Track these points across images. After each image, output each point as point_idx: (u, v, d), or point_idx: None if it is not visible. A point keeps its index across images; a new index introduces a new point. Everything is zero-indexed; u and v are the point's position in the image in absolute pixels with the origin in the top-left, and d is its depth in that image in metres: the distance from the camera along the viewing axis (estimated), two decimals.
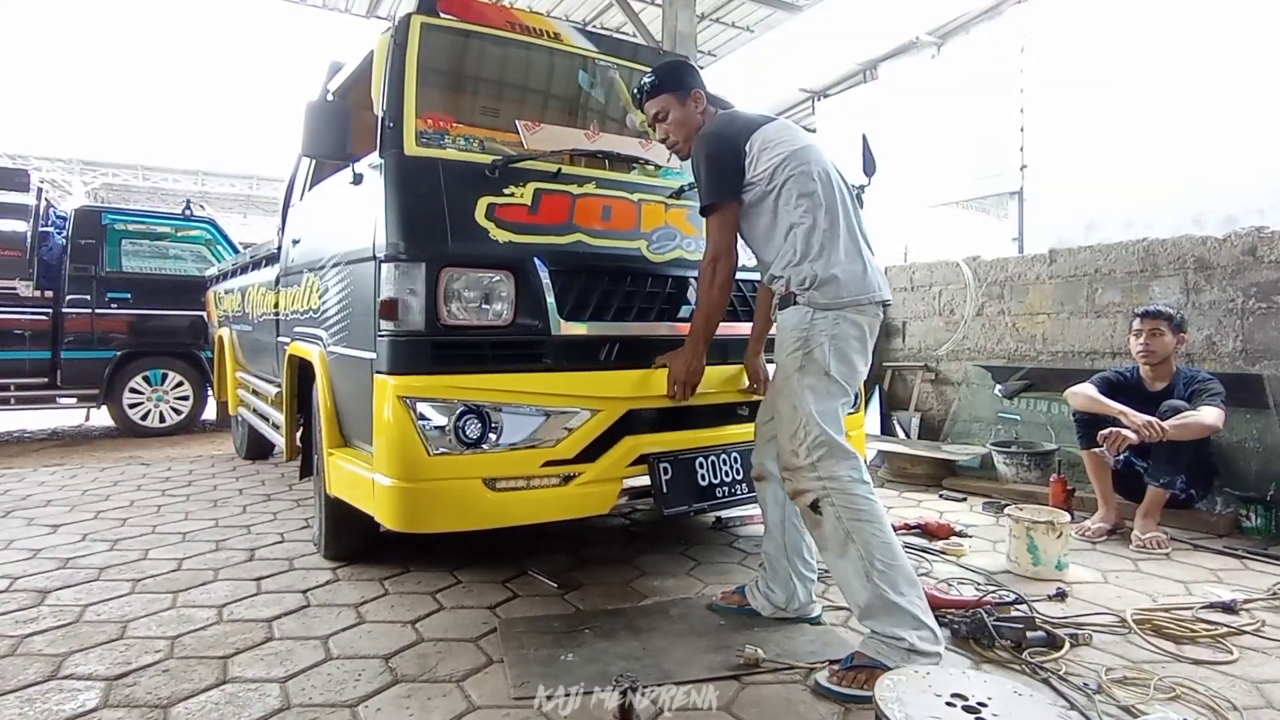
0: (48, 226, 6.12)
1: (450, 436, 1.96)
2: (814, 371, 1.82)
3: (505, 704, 1.65)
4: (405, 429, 1.94)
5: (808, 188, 1.89)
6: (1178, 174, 6.50)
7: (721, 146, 1.96)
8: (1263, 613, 2.18)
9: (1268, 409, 3.22)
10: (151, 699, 1.68)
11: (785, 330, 1.90)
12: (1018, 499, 3.46)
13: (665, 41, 7.18)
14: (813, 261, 1.85)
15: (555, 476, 2.09)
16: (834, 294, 1.83)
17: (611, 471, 2.15)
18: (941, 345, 4.66)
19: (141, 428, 6.04)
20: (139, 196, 20.93)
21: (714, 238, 1.99)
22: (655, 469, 2.20)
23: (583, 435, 2.11)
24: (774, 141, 1.95)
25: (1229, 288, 3.42)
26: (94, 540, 2.97)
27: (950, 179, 8.58)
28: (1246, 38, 6.14)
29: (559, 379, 2.11)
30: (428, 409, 1.96)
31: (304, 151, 2.28)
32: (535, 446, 2.05)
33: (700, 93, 2.11)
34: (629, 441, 2.18)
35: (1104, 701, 1.64)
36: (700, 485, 2.27)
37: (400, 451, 1.96)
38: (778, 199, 1.92)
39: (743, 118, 2.05)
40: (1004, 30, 8.27)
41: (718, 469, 2.31)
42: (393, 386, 1.96)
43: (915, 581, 1.76)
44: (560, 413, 2.09)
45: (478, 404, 1.98)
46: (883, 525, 1.76)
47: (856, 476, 1.78)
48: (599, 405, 2.13)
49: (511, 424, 2.03)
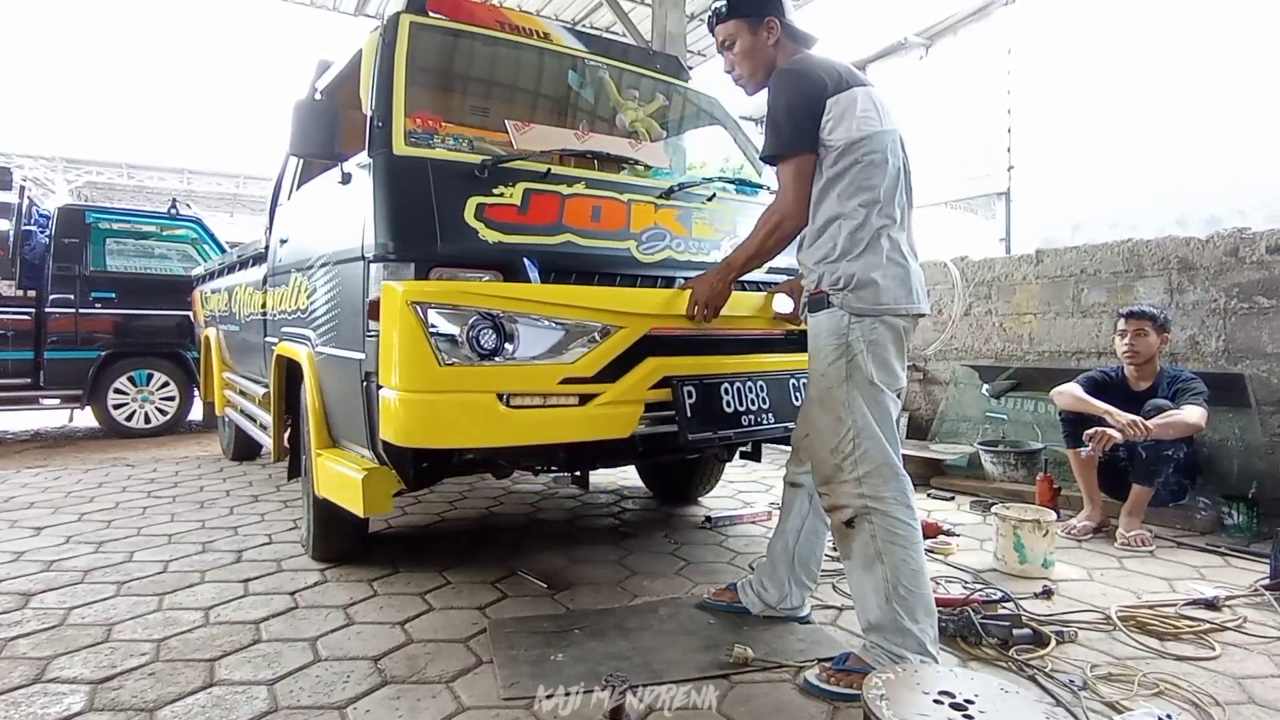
0: (31, 225, 6.04)
1: (463, 347, 1.84)
2: (860, 381, 1.71)
3: (495, 704, 1.64)
4: (415, 337, 1.82)
5: (873, 180, 1.73)
6: (1161, 176, 6.58)
7: (804, 90, 1.75)
8: (1245, 609, 2.21)
9: (1249, 408, 3.26)
10: (137, 702, 1.67)
11: (821, 337, 1.78)
12: (1005, 498, 3.49)
13: (655, 41, 7.17)
14: (852, 261, 1.72)
15: (574, 395, 1.98)
16: (872, 299, 1.70)
17: (633, 393, 2.05)
18: (929, 345, 4.69)
19: (126, 429, 5.98)
20: (124, 195, 20.70)
21: (785, 193, 1.81)
22: (679, 392, 2.09)
23: (603, 353, 2.00)
24: (862, 111, 1.74)
25: (1212, 288, 3.46)
26: (78, 542, 2.94)
27: (938, 179, 8.62)
28: (1230, 43, 6.21)
29: (578, 291, 2.03)
30: (439, 316, 1.83)
31: (292, 150, 2.27)
32: (553, 361, 1.95)
33: (775, 22, 1.89)
34: (652, 362, 2.07)
35: (1089, 698, 1.66)
36: (726, 412, 2.17)
37: (410, 361, 1.84)
38: (837, 180, 1.75)
39: (829, 66, 1.81)
40: (992, 32, 8.32)
41: (744, 396, 2.22)
42: (402, 292, 1.84)
43: (932, 611, 1.70)
44: (579, 326, 1.98)
45: (492, 312, 1.87)
46: (916, 551, 1.69)
47: (902, 500, 1.70)
48: (620, 321, 2.03)
49: (527, 336, 1.92)
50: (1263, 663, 1.87)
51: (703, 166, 3.35)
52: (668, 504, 3.57)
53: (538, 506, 3.52)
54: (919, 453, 4.11)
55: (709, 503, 3.56)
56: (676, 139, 3.23)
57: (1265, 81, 5.98)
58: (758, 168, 2.97)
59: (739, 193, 2.71)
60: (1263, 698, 1.69)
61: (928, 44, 9.11)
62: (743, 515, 3.26)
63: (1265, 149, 5.93)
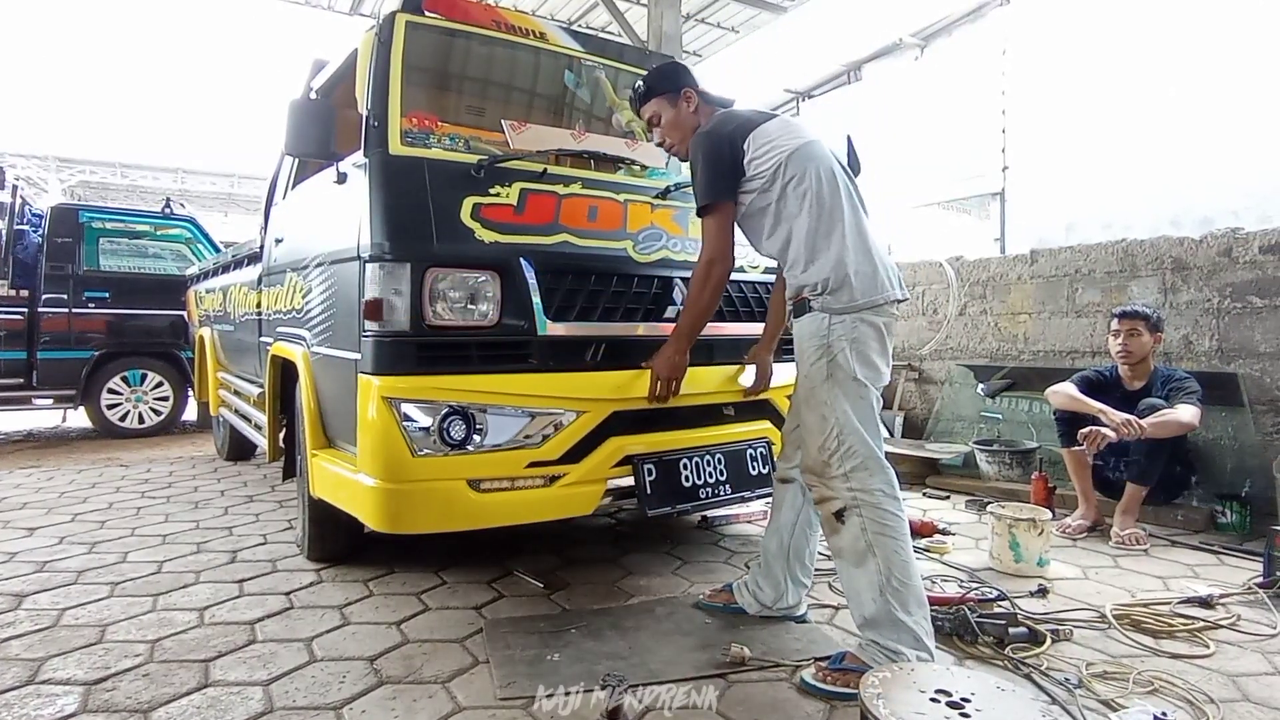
0: (23, 225, 6.02)
1: (435, 437, 1.95)
2: (841, 379, 1.78)
3: (491, 704, 1.64)
4: (389, 430, 1.93)
5: (810, 188, 1.83)
6: (1155, 177, 6.61)
7: (717, 145, 1.90)
8: (1238, 607, 2.22)
9: (1242, 407, 3.28)
10: (131, 703, 1.66)
11: (804, 339, 1.86)
12: (1000, 497, 3.50)
13: (650, 41, 7.18)
14: (820, 265, 1.80)
15: (540, 478, 2.08)
16: (848, 298, 1.78)
17: (596, 473, 2.15)
18: (925, 345, 4.70)
19: (120, 429, 5.96)
20: (117, 194, 20.62)
21: (710, 240, 1.94)
22: (640, 470, 2.20)
23: (567, 437, 2.10)
24: (774, 139, 1.88)
25: (1205, 288, 3.48)
26: (72, 543, 2.93)
27: (933, 179, 8.65)
28: (1224, 45, 6.25)
29: (544, 380, 2.10)
30: (412, 410, 1.95)
31: (287, 150, 2.26)
32: (520, 448, 2.04)
33: (691, 91, 2.07)
34: (614, 443, 2.17)
35: (1084, 696, 1.66)
36: (684, 486, 2.27)
37: (384, 452, 1.95)
38: (780, 200, 1.86)
39: (740, 115, 1.98)
40: (986, 33, 8.35)
41: (701, 470, 2.32)
42: (377, 387, 1.95)
43: (924, 603, 1.74)
44: (545, 414, 2.08)
45: (462, 405, 1.97)
46: (905, 543, 1.73)
47: (889, 492, 1.75)
48: (584, 407, 2.12)
49: (496, 425, 2.02)
50: (1257, 660, 1.88)
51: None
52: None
53: None
54: (914, 452, 4.12)
55: None
56: None
57: (1257, 83, 6.02)
58: None
59: None
60: (1257, 695, 1.70)
61: (923, 45, 9.14)
62: (738, 514, 3.26)
63: (1257, 150, 5.97)
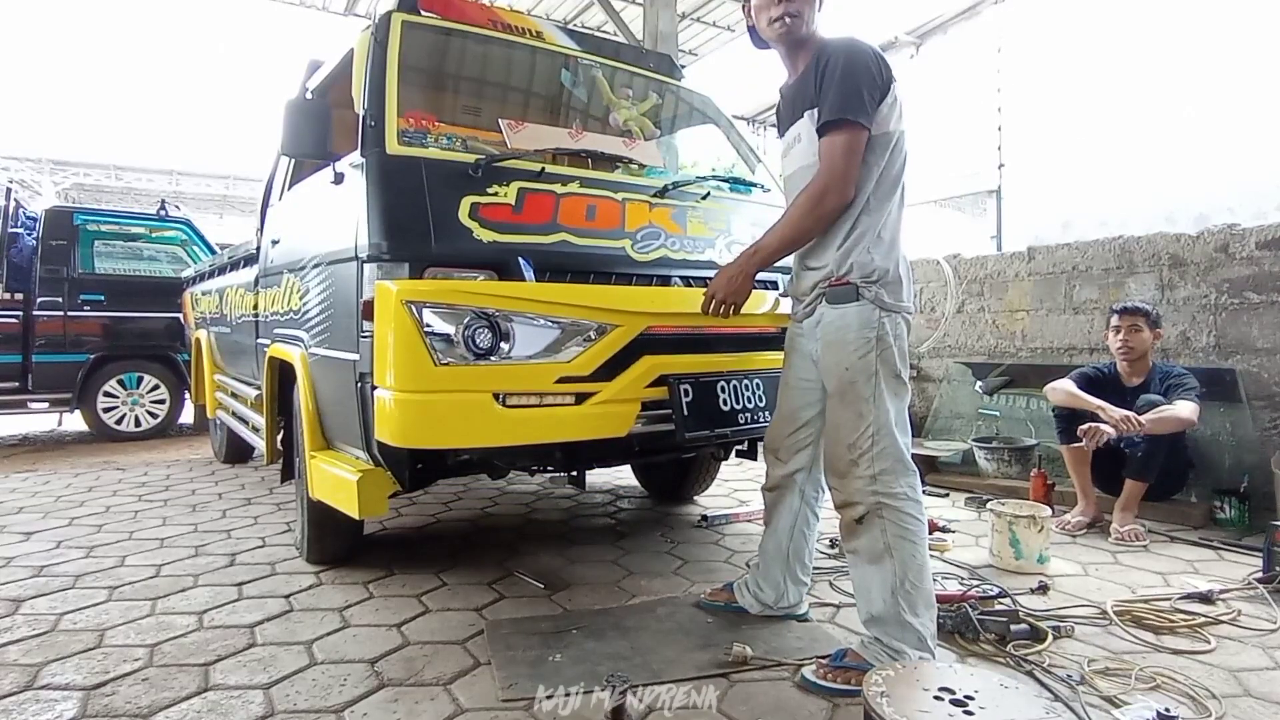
0: (17, 227, 5.98)
1: (459, 346, 1.83)
2: (888, 375, 1.71)
3: (493, 706, 1.63)
4: (411, 337, 1.80)
5: (899, 177, 1.75)
6: (1150, 174, 6.63)
7: (872, 58, 1.68)
8: (1238, 602, 2.22)
9: (1240, 403, 3.28)
10: (131, 708, 1.65)
11: (849, 330, 1.72)
12: (999, 494, 3.50)
13: (646, 40, 7.18)
14: (885, 256, 1.71)
15: (570, 394, 1.97)
16: (898, 296, 1.73)
17: (629, 391, 2.04)
18: (922, 342, 4.70)
19: (116, 432, 5.93)
20: (112, 196, 20.54)
21: (830, 164, 1.67)
22: (675, 390, 2.09)
23: (599, 351, 1.99)
24: (900, 104, 1.72)
25: (1202, 284, 3.49)
26: (69, 547, 2.91)
27: (929, 178, 8.66)
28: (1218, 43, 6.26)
29: (575, 290, 2.03)
30: (434, 316, 1.82)
31: (283, 150, 2.25)
32: (549, 361, 1.95)
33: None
34: (648, 360, 2.07)
35: (1087, 692, 1.66)
36: (722, 410, 2.17)
37: (405, 361, 1.82)
38: (873, 170, 1.71)
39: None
40: (982, 31, 8.37)
41: (740, 394, 2.22)
42: (397, 292, 1.83)
43: (933, 604, 1.73)
44: (575, 325, 1.97)
45: (487, 311, 1.86)
46: (923, 546, 1.72)
47: (913, 495, 1.72)
48: (616, 319, 2.01)
49: (523, 335, 1.91)
50: (1257, 655, 1.88)
51: (694, 165, 3.34)
52: (664, 503, 3.56)
53: (533, 507, 3.51)
54: (913, 449, 4.12)
55: (705, 501, 3.56)
56: (670, 138, 3.23)
57: (1253, 81, 6.04)
58: (750, 165, 2.97)
59: (733, 191, 2.71)
60: (1258, 690, 1.70)
61: (918, 43, 9.15)
62: (739, 514, 3.26)
63: (1252, 147, 5.99)
